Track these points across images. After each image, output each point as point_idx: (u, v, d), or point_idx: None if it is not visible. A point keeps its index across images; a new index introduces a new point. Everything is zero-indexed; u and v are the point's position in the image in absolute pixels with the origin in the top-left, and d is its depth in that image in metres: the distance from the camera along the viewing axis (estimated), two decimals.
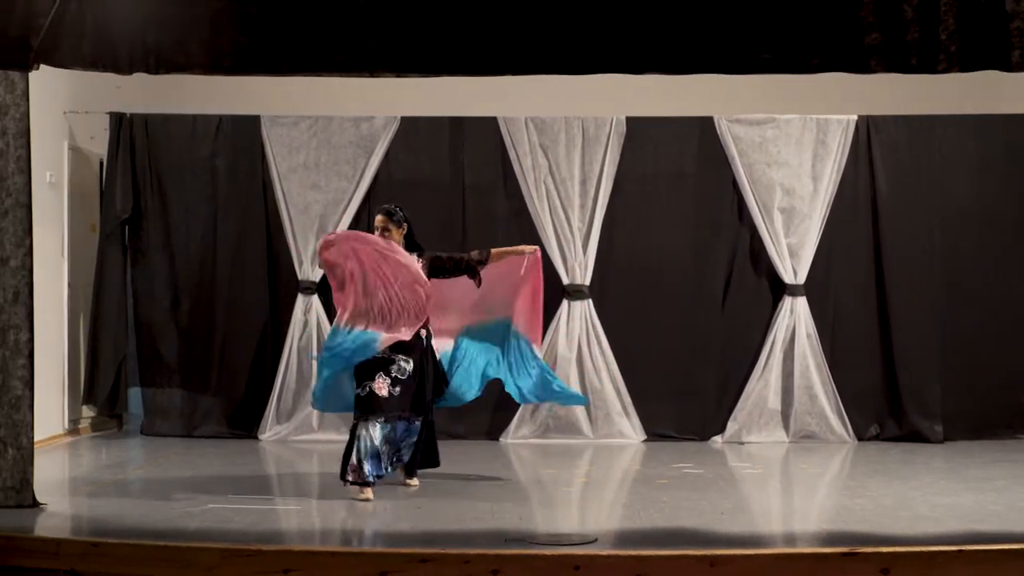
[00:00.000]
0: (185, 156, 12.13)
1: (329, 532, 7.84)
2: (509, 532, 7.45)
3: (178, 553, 6.77)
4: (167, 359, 12.09)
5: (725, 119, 12.00)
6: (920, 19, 7.04)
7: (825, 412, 11.84)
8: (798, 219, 11.93)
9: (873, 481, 9.55)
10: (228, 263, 12.09)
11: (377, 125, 12.02)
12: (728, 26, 7.11)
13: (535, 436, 11.85)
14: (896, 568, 6.57)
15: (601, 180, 11.97)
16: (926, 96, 12.21)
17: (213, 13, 7.13)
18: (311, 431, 11.82)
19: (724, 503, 8.61)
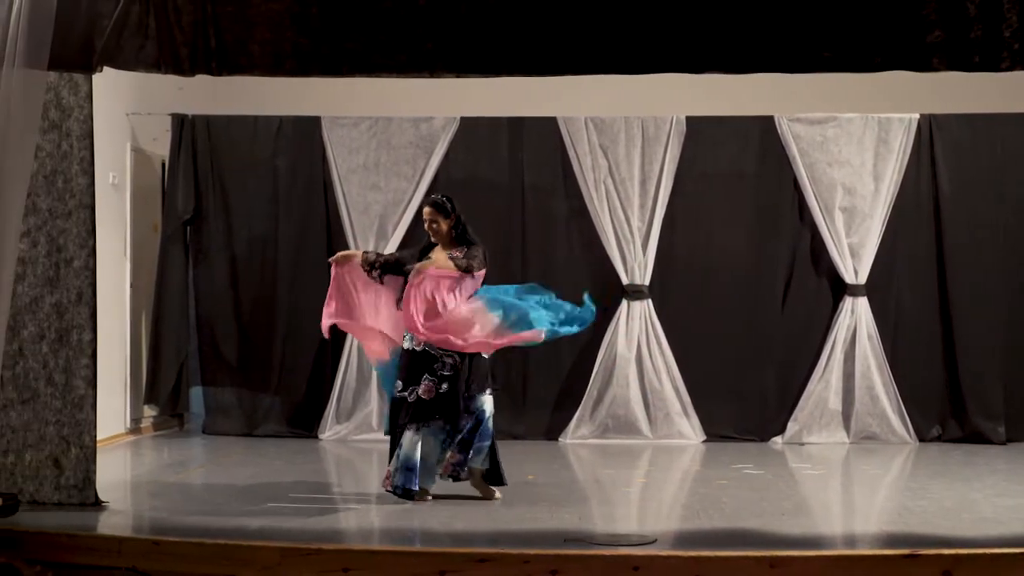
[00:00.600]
0: (246, 157, 12.20)
1: (388, 531, 7.84)
2: (568, 532, 7.44)
3: (238, 552, 6.80)
4: (228, 358, 12.16)
5: (786, 118, 11.95)
6: (983, 17, 6.98)
7: (886, 413, 11.76)
8: (859, 219, 11.86)
9: (935, 482, 9.48)
10: (288, 263, 12.14)
11: (437, 125, 12.04)
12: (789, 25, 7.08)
13: (594, 436, 11.83)
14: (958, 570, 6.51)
15: (661, 180, 11.95)
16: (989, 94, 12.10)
17: (274, 15, 7.18)
18: (371, 430, 11.85)
19: (784, 504, 8.57)
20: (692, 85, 9.34)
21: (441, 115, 12.06)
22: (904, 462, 10.89)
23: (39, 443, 8.02)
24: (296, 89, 10.95)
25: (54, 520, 7.50)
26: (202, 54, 7.24)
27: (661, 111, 12.03)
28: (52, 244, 8.06)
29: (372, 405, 11.86)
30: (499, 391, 8.96)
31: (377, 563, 6.68)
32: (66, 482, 8.02)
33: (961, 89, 11.27)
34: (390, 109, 12.17)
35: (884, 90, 11.12)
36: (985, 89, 11.35)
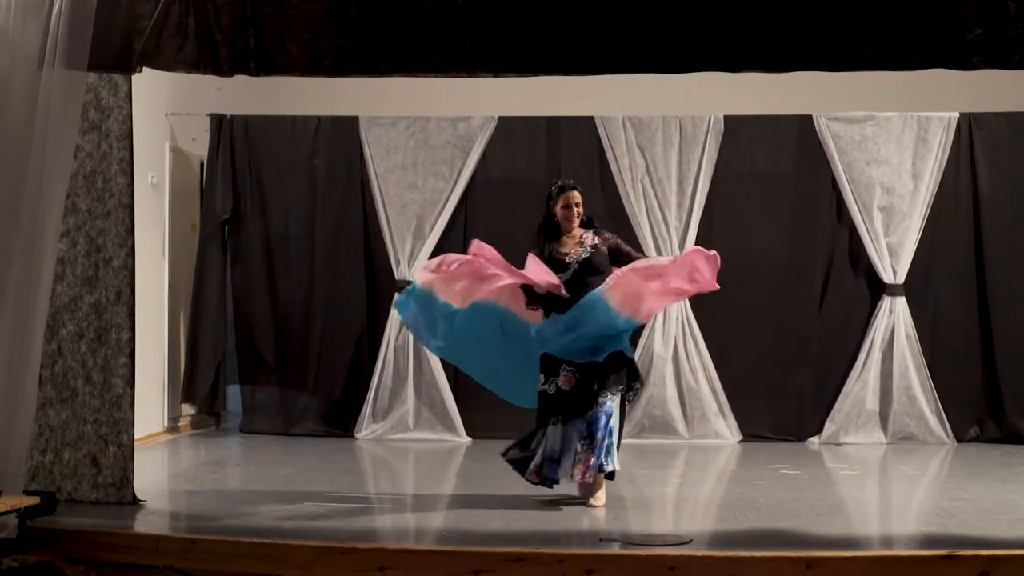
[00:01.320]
0: (284, 157, 12.24)
1: (423, 531, 7.86)
2: (603, 532, 7.45)
3: (274, 550, 6.83)
4: (265, 358, 12.21)
5: (824, 117, 11.91)
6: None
7: (924, 413, 11.71)
8: (898, 218, 11.81)
9: (972, 483, 9.43)
10: (326, 263, 12.18)
11: (474, 125, 12.06)
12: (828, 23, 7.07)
13: (630, 436, 11.75)
14: (996, 571, 6.48)
15: (698, 179, 11.93)
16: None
17: (312, 15, 7.21)
18: (407, 430, 11.88)
19: (821, 504, 8.54)
20: (730, 84, 9.32)
21: (479, 115, 12.08)
22: (941, 463, 10.84)
23: (77, 442, 8.07)
24: (334, 89, 11.00)
25: (92, 518, 7.54)
26: (241, 54, 7.29)
27: (699, 110, 12.01)
28: (91, 244, 8.11)
29: (408, 404, 11.88)
30: (633, 392, 8.65)
31: (412, 562, 6.70)
32: (104, 481, 8.07)
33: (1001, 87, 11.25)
34: (428, 109, 12.20)
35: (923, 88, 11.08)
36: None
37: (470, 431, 11.87)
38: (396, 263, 11.97)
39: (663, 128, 11.98)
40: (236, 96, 12.05)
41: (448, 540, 7.38)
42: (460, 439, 11.79)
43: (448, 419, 11.86)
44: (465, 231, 12.08)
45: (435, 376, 11.87)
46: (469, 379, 11.79)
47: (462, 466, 10.63)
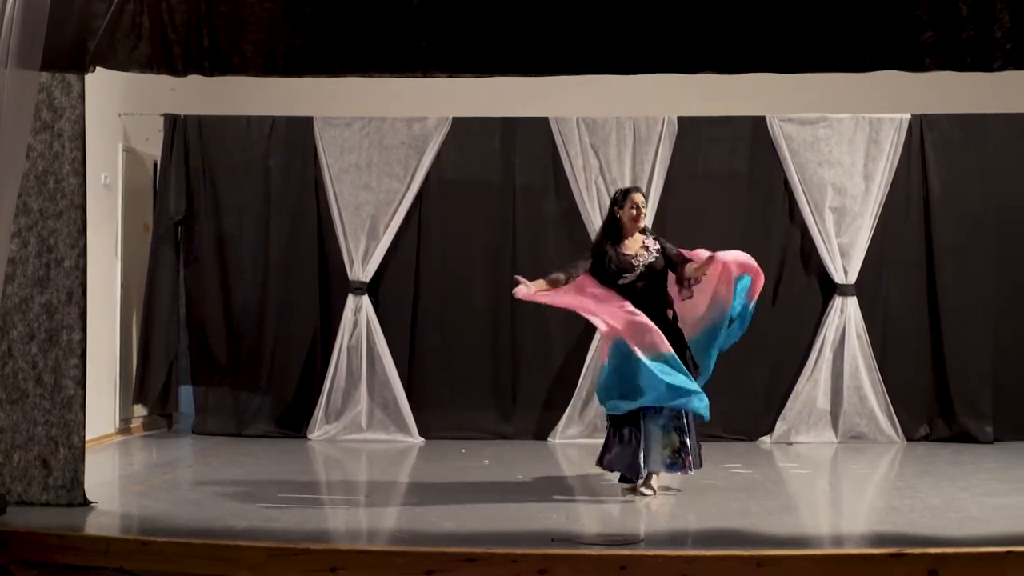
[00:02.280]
0: (238, 157, 12.21)
1: (376, 531, 7.87)
2: (556, 532, 7.45)
3: (226, 551, 6.81)
4: (218, 358, 12.16)
5: (777, 118, 11.98)
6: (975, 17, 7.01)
7: (874, 412, 11.79)
8: (849, 218, 11.89)
9: (922, 482, 9.51)
10: (280, 263, 12.15)
11: (429, 126, 12.06)
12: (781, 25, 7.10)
13: (583, 436, 11.84)
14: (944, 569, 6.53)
15: (652, 180, 11.96)
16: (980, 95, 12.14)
17: (267, 15, 7.18)
18: (360, 430, 11.87)
19: (772, 504, 8.59)
20: (684, 85, 9.38)
21: (433, 115, 12.08)
22: (892, 461, 10.92)
23: (27, 443, 8.02)
24: (289, 89, 10.96)
25: (42, 520, 7.49)
26: (195, 54, 7.25)
27: (652, 111, 12.05)
28: (43, 244, 8.06)
29: (362, 405, 11.88)
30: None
31: (365, 563, 6.69)
32: (54, 482, 8.02)
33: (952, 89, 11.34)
34: (382, 109, 12.20)
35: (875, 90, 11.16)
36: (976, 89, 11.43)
37: (423, 432, 11.88)
38: (350, 263, 11.96)
39: (617, 129, 12.01)
40: (190, 96, 12.01)
41: (401, 540, 7.39)
42: (413, 440, 11.79)
43: (401, 420, 11.86)
44: (419, 231, 12.10)
45: (388, 377, 11.87)
46: (422, 380, 11.90)
47: (415, 466, 10.64)
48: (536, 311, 11.98)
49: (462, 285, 12.11)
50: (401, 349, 12.04)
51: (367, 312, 11.93)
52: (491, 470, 10.07)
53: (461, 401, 12.08)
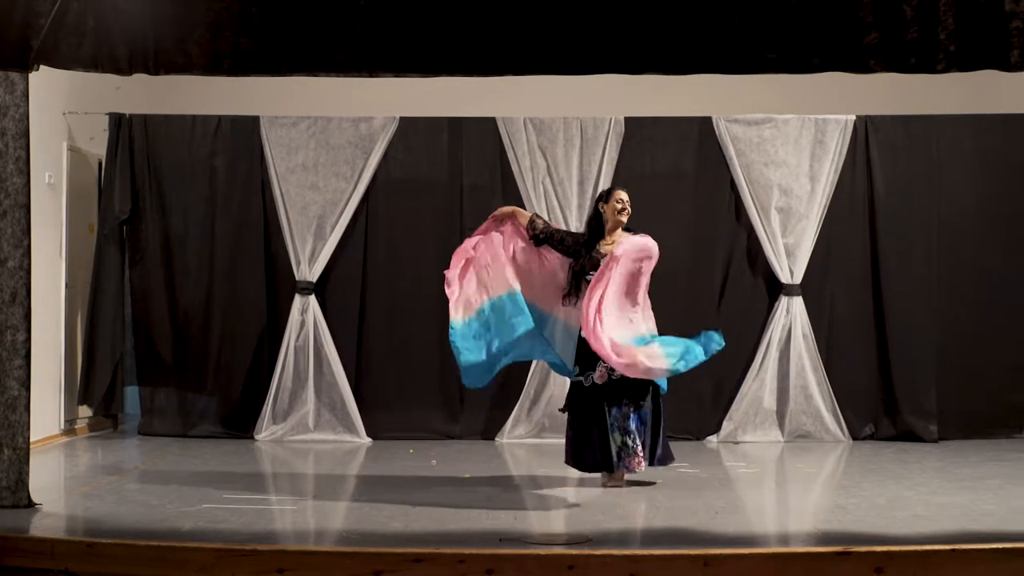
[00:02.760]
0: (184, 157, 12.15)
1: (324, 532, 7.85)
2: (504, 532, 7.46)
3: (173, 553, 6.77)
4: (164, 359, 12.10)
5: (723, 119, 12.03)
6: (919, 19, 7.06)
7: (820, 412, 11.87)
8: (795, 219, 11.96)
9: (867, 480, 9.57)
10: (226, 263, 12.11)
11: (376, 125, 12.04)
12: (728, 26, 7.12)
13: (530, 436, 11.87)
14: (890, 568, 6.58)
15: (599, 180, 11.98)
16: (924, 96, 12.26)
17: (213, 14, 7.15)
18: (307, 431, 11.84)
19: (719, 503, 8.62)
20: (631, 86, 9.42)
21: (380, 115, 12.06)
22: (837, 460, 10.99)
23: None
24: (235, 88, 10.96)
25: None
26: (140, 53, 7.21)
27: (600, 112, 12.09)
28: None
29: (309, 405, 11.85)
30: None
31: (312, 563, 6.67)
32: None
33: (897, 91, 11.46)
34: (329, 109, 12.17)
35: (821, 91, 11.26)
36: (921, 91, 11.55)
37: (371, 432, 11.86)
38: (296, 264, 11.92)
39: (564, 129, 12.04)
40: (135, 95, 11.96)
41: (349, 541, 7.37)
42: (361, 440, 11.77)
43: (348, 420, 11.84)
44: (367, 231, 12.08)
45: (335, 377, 11.84)
46: (369, 380, 11.87)
47: (363, 467, 10.61)
48: None
49: (409, 285, 12.09)
50: (348, 349, 12.02)
51: (314, 312, 11.90)
52: (439, 470, 10.06)
53: (409, 401, 12.07)
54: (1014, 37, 7.13)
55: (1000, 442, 11.74)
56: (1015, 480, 9.62)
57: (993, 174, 12.09)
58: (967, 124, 12.13)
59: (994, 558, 6.75)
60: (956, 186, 12.06)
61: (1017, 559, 6.75)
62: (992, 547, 6.84)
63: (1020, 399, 12.15)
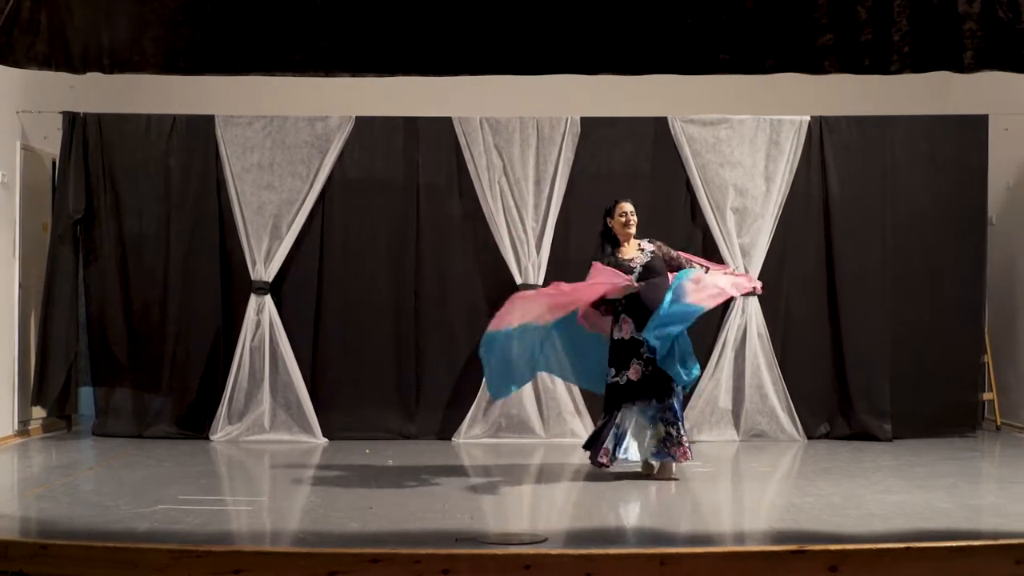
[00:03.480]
0: (139, 156, 12.08)
1: (280, 532, 7.82)
2: (460, 532, 7.47)
3: (127, 554, 6.74)
4: (119, 359, 12.03)
5: (679, 119, 12.07)
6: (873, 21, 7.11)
7: (776, 411, 11.92)
8: (750, 219, 12.00)
9: (822, 479, 9.62)
10: (181, 263, 12.04)
11: (332, 125, 12.01)
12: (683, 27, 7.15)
13: (487, 436, 11.86)
14: (844, 566, 6.61)
15: (555, 180, 12.00)
16: (879, 97, 12.33)
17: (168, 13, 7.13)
18: (263, 431, 11.80)
19: (675, 502, 8.65)
20: (587, 86, 9.43)
21: (336, 114, 12.03)
22: (793, 459, 11.03)
23: None
24: (190, 87, 10.90)
25: None
26: (94, 51, 7.18)
27: (556, 112, 12.10)
28: None
29: (264, 406, 11.80)
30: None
31: (268, 564, 6.65)
32: None
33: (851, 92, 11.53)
34: (285, 108, 12.15)
35: (775, 92, 11.31)
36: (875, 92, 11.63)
37: (327, 432, 11.83)
38: (252, 263, 11.88)
39: (520, 129, 12.04)
40: (90, 94, 11.90)
41: (304, 542, 7.35)
42: (317, 440, 11.74)
43: (304, 420, 11.81)
44: (322, 231, 12.05)
45: (291, 377, 11.81)
46: (325, 380, 11.84)
47: (319, 467, 10.58)
48: (439, 311, 12.00)
49: (365, 285, 12.07)
50: (304, 349, 11.99)
51: (270, 312, 11.86)
52: (395, 470, 10.04)
53: (365, 401, 12.04)
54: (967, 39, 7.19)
55: (954, 441, 11.82)
56: (968, 479, 9.71)
57: (946, 175, 12.17)
58: (921, 125, 12.21)
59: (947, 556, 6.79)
60: (910, 187, 12.13)
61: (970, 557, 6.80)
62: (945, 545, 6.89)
63: (973, 398, 12.26)
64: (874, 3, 7.15)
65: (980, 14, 7.20)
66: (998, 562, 6.81)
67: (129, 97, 12.19)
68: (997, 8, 7.19)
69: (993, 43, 7.23)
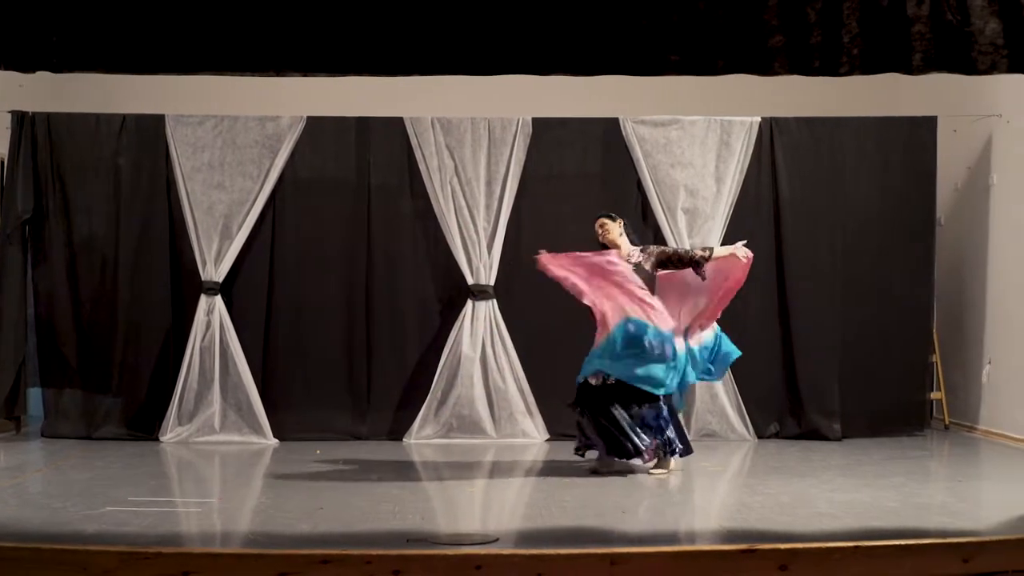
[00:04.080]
0: (88, 155, 12.00)
1: (230, 534, 7.79)
2: (411, 532, 7.46)
3: (76, 556, 6.69)
4: (68, 360, 11.95)
5: (630, 120, 12.09)
6: (823, 22, 7.14)
7: (726, 411, 11.96)
8: (701, 219, 12.04)
9: (773, 479, 9.66)
10: (131, 263, 11.97)
11: (283, 125, 11.97)
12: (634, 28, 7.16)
13: (438, 436, 11.85)
14: (794, 564, 6.64)
15: (507, 181, 12.00)
16: (829, 98, 12.40)
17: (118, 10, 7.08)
18: (213, 432, 11.74)
19: (625, 501, 8.67)
20: (538, 87, 9.43)
21: (287, 114, 12.00)
22: (743, 459, 11.07)
23: None
24: (140, 86, 10.81)
25: None
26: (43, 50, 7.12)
27: (507, 112, 12.10)
28: None
29: (215, 406, 11.74)
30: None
31: (218, 566, 6.62)
32: None
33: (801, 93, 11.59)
34: (236, 108, 12.10)
35: (726, 93, 11.34)
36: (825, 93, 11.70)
37: (277, 433, 11.79)
38: (203, 264, 11.82)
39: (472, 130, 12.04)
40: (38, 93, 11.79)
41: (255, 543, 7.33)
42: (267, 441, 11.70)
43: (255, 421, 11.76)
44: (273, 231, 12.01)
45: (242, 378, 11.76)
46: (276, 380, 11.82)
47: (269, 468, 10.54)
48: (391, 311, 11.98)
49: (316, 285, 12.04)
50: (255, 350, 11.95)
51: (220, 313, 11.81)
52: (347, 471, 10.01)
53: (316, 402, 12.01)
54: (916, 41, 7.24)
55: (902, 440, 11.89)
56: (916, 477, 9.77)
57: (895, 176, 12.24)
58: (870, 127, 12.28)
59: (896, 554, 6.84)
60: (859, 188, 12.21)
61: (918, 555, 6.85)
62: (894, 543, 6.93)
63: (922, 398, 12.34)
64: (824, 5, 7.19)
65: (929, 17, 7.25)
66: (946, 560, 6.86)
67: (78, 96, 12.11)
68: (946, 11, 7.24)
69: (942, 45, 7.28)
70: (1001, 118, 12.15)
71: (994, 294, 12.31)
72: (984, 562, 6.86)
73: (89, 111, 12.05)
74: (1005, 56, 7.31)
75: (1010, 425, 11.90)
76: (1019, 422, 11.73)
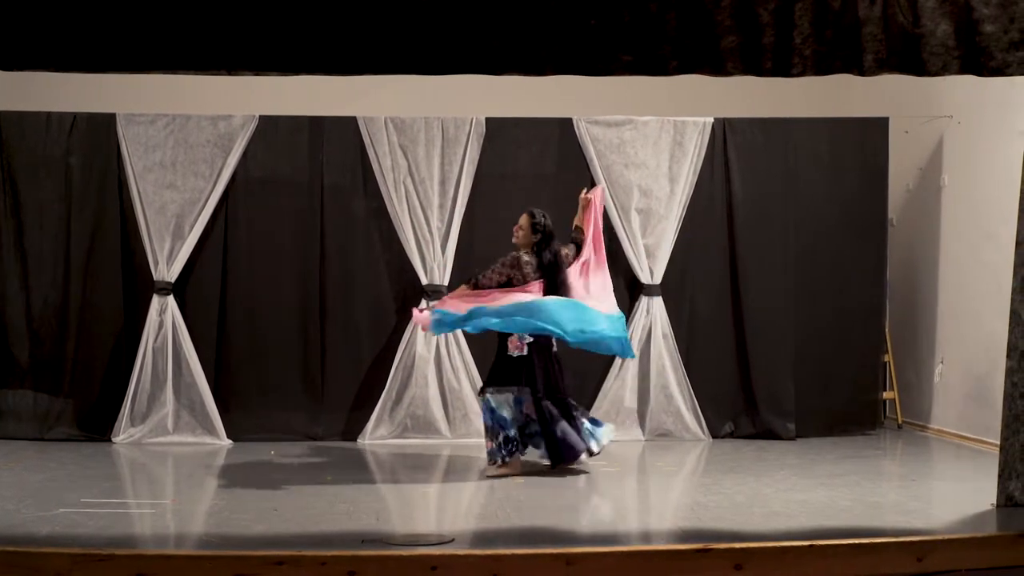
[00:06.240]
0: (38, 154, 11.89)
1: (183, 535, 7.75)
2: (366, 533, 7.44)
3: (28, 559, 6.66)
4: (19, 360, 11.84)
5: (584, 120, 12.10)
6: (776, 23, 7.18)
7: (680, 411, 11.99)
8: (655, 220, 12.06)
9: (727, 478, 9.69)
10: (82, 263, 11.88)
11: (235, 124, 11.91)
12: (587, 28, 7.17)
13: (393, 437, 11.82)
14: (749, 563, 6.68)
15: (460, 180, 11.99)
16: (781, 99, 12.45)
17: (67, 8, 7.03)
18: (166, 433, 11.67)
19: (581, 501, 8.68)
20: (492, 86, 9.43)
21: (239, 113, 11.94)
22: (698, 459, 11.10)
23: None
24: (91, 85, 10.74)
25: None
26: None
27: (461, 112, 12.09)
28: None
29: (168, 407, 11.68)
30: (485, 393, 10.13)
31: (172, 567, 6.61)
32: None
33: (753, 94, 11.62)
34: (188, 107, 12.03)
35: (679, 94, 11.38)
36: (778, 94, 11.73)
37: (231, 433, 11.74)
38: (155, 264, 11.75)
39: (425, 129, 12.01)
40: None
41: (209, 544, 7.29)
42: (221, 441, 11.65)
43: (208, 421, 11.71)
44: (226, 231, 11.95)
45: (195, 378, 11.70)
46: (229, 381, 11.77)
47: (223, 469, 10.50)
48: (344, 311, 11.95)
49: (270, 285, 11.99)
50: (208, 350, 11.88)
51: (173, 313, 11.74)
52: (301, 472, 9.98)
53: (269, 402, 11.96)
54: (867, 42, 7.28)
55: (856, 439, 11.95)
56: (870, 476, 9.81)
57: (847, 176, 12.30)
58: (822, 127, 12.33)
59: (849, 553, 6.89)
60: (812, 188, 12.26)
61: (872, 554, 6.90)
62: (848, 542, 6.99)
63: (875, 397, 12.41)
64: (776, 6, 7.22)
65: (880, 18, 7.30)
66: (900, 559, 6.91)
67: (28, 94, 12.01)
68: (897, 12, 7.29)
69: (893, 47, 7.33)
70: (952, 119, 12.22)
71: (946, 294, 12.38)
72: (937, 560, 6.93)
73: (40, 110, 11.95)
74: (957, 57, 7.36)
75: (962, 424, 11.97)
76: (971, 421, 11.80)
